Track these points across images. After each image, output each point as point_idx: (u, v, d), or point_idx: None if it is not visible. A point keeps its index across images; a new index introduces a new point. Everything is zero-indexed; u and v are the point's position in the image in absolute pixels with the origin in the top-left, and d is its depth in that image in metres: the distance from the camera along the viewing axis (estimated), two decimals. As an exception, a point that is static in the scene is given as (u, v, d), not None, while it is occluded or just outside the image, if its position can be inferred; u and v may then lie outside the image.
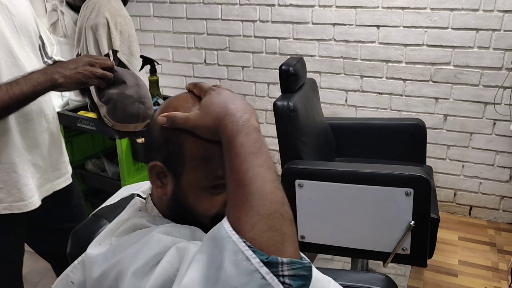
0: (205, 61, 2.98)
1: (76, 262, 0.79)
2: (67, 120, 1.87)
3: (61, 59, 1.32)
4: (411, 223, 1.65)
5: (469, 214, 2.65)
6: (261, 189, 0.57)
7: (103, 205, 0.94)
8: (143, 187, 0.94)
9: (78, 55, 2.60)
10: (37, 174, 1.21)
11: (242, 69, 2.90)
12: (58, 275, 1.43)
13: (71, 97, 2.71)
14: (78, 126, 1.81)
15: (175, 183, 0.72)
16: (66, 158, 1.35)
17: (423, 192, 1.63)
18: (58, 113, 1.89)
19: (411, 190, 1.63)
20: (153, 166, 0.73)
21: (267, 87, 2.87)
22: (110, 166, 1.90)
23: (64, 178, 1.32)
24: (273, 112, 1.83)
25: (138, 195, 0.89)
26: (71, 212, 1.36)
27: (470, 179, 2.59)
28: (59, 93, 3.54)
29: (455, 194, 2.65)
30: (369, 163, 2.14)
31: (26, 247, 1.37)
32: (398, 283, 2.05)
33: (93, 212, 0.93)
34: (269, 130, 2.94)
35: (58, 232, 1.33)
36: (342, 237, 1.79)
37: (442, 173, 2.63)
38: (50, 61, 1.29)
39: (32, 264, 2.25)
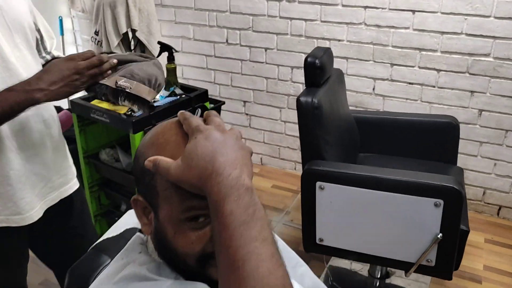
0: (227, 40, 2.85)
1: None
2: (80, 110, 1.80)
3: (60, 55, 1.23)
4: (439, 236, 1.55)
5: (498, 214, 2.52)
6: (256, 272, 0.49)
7: (104, 236, 0.86)
8: None
9: (95, 32, 2.51)
10: (40, 184, 1.14)
11: (265, 50, 2.76)
12: (60, 284, 1.39)
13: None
14: (91, 116, 1.74)
15: (156, 219, 0.65)
16: (70, 161, 1.28)
17: (454, 204, 1.52)
18: (71, 101, 1.83)
19: (441, 201, 1.52)
20: (135, 200, 0.67)
21: (291, 70, 2.73)
22: (125, 156, 1.83)
23: (71, 183, 1.25)
24: (295, 97, 1.71)
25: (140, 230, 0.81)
26: (75, 218, 1.30)
27: (501, 178, 2.45)
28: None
29: (484, 193, 2.52)
30: (395, 162, 2.02)
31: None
32: (419, 291, 1.97)
33: (94, 245, 0.85)
34: (290, 115, 2.83)
35: (61, 240, 1.28)
36: (362, 243, 1.71)
37: (472, 170, 2.49)
38: (48, 57, 1.20)
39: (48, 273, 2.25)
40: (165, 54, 1.88)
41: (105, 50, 2.44)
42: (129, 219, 0.87)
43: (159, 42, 1.87)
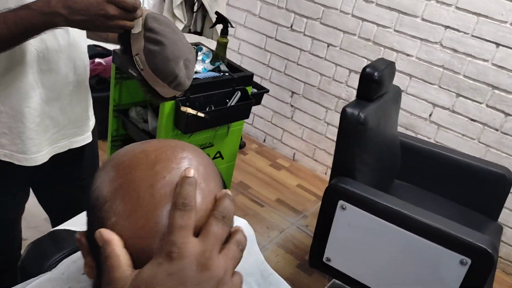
0: (291, 26, 2.72)
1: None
2: (120, 62, 1.74)
3: None
4: (455, 296, 1.40)
5: (527, 282, 2.31)
6: None
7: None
8: None
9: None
10: (53, 129, 1.09)
11: (328, 46, 2.61)
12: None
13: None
14: (129, 71, 1.68)
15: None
16: (90, 113, 1.22)
17: (483, 267, 1.36)
18: (113, 51, 1.78)
19: (469, 260, 1.37)
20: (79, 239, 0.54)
21: (348, 73, 2.58)
22: (153, 120, 1.78)
23: (84, 136, 1.20)
24: (345, 102, 1.58)
25: None
26: (84, 170, 1.26)
27: (543, 246, 2.23)
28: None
29: (518, 256, 2.31)
30: (431, 201, 1.87)
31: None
32: None
33: (65, 227, 0.77)
34: (335, 119, 2.68)
35: (65, 189, 1.24)
36: (369, 276, 1.59)
37: (512, 228, 2.28)
38: None
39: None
40: (220, 26, 1.78)
41: (167, 7, 2.37)
42: None
43: (216, 12, 1.77)
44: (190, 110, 1.53)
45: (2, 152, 1.02)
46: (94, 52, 2.69)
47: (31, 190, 1.23)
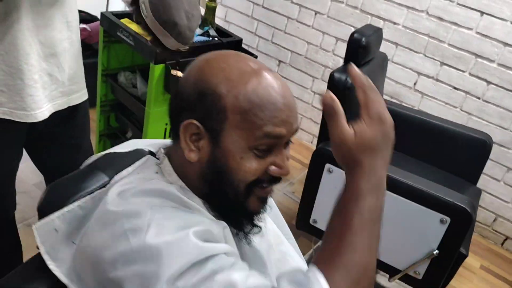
0: (279, -7, 2.70)
1: (65, 209, 0.70)
2: (108, 25, 1.72)
3: None
4: (434, 252, 1.48)
5: (502, 244, 2.42)
6: (362, 261, 0.58)
7: (98, 156, 0.80)
8: (155, 144, 0.81)
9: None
10: (52, 86, 1.10)
11: (315, 14, 2.61)
12: None
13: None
14: (118, 35, 1.67)
15: (213, 145, 0.65)
16: (83, 71, 1.23)
17: (461, 226, 1.43)
18: (102, 14, 1.75)
19: (448, 219, 1.43)
20: (188, 125, 0.64)
21: (335, 42, 2.59)
22: (142, 84, 1.77)
23: (81, 93, 1.22)
24: (332, 70, 1.60)
25: (151, 153, 0.77)
26: (77, 129, 1.28)
27: (518, 210, 2.33)
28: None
29: (495, 220, 2.41)
30: (415, 166, 1.93)
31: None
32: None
33: (88, 162, 0.80)
34: (322, 88, 2.71)
35: (59, 147, 1.26)
36: (355, 237, 1.65)
37: (490, 194, 2.37)
38: None
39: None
40: (209, -10, 1.77)
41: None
42: (129, 147, 0.81)
43: (205, -24, 1.75)
44: (181, 74, 1.53)
45: (1, 110, 1.03)
46: (78, 17, 2.64)
47: (25, 152, 1.25)
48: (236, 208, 0.68)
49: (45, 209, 0.73)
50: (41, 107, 1.09)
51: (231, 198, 0.66)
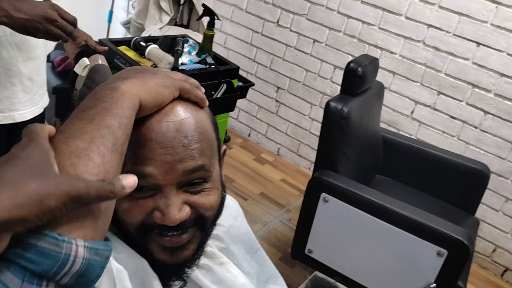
0: (278, 21, 2.74)
1: None
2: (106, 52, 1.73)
3: None
4: (432, 286, 1.45)
5: (502, 276, 2.38)
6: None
7: None
8: None
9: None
10: (33, 89, 1.16)
11: (314, 42, 2.63)
12: None
13: (134, 17, 2.59)
14: (115, 61, 1.68)
15: None
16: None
17: (459, 259, 1.40)
18: (100, 40, 1.77)
19: (445, 252, 1.41)
20: None
21: (333, 70, 2.61)
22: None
23: (46, 96, 1.27)
24: (330, 98, 1.61)
25: None
26: None
27: (518, 241, 2.30)
28: (124, 7, 3.42)
29: (494, 250, 2.37)
30: (411, 195, 1.91)
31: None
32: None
33: None
34: (320, 115, 2.71)
35: None
36: (350, 268, 1.62)
37: (489, 224, 2.34)
38: None
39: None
40: (206, 19, 1.79)
41: (153, 2, 2.35)
42: None
43: (203, 5, 1.78)
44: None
45: None
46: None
47: None
48: (143, 254, 0.59)
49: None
50: (21, 109, 1.12)
51: (130, 240, 0.59)
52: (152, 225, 0.56)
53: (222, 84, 1.73)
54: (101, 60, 1.20)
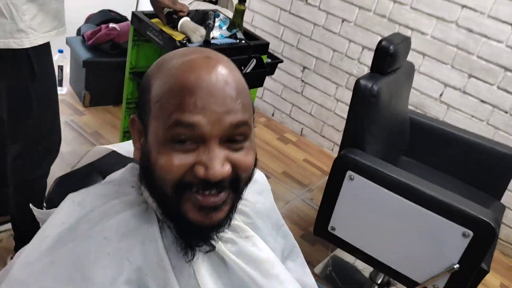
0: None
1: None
2: (138, 23, 1.75)
3: None
4: (455, 266, 1.45)
5: (525, 264, 2.36)
6: None
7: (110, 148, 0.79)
8: None
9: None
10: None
11: (342, 22, 2.60)
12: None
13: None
14: (147, 34, 1.70)
15: (145, 140, 0.59)
16: None
17: (484, 240, 1.40)
18: (133, 13, 1.79)
19: (471, 233, 1.40)
20: (132, 120, 0.63)
21: (361, 50, 2.58)
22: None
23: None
24: (356, 78, 1.60)
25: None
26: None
27: (543, 229, 2.27)
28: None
29: (518, 238, 2.35)
30: (437, 178, 1.90)
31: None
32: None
33: (91, 162, 0.80)
34: (345, 95, 2.70)
35: None
36: (373, 246, 1.63)
37: (514, 211, 2.31)
38: None
39: (76, 145, 2.31)
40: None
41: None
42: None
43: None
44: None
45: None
46: (108, 17, 2.70)
47: None
48: (174, 215, 0.59)
49: (53, 199, 0.75)
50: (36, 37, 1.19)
51: (162, 201, 0.59)
52: (190, 182, 0.56)
53: (252, 59, 1.74)
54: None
